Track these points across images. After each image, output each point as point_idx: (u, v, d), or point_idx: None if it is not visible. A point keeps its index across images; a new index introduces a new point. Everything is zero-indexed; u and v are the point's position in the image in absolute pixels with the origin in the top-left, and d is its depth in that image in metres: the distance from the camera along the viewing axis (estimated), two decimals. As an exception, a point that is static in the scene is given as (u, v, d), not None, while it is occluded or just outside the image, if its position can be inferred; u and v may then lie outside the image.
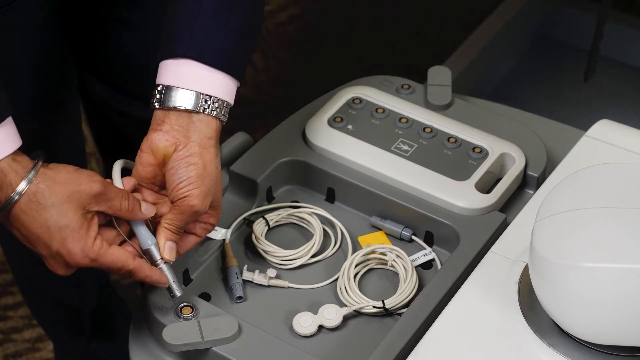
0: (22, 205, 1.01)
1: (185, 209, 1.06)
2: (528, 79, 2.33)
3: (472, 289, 1.08)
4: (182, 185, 1.06)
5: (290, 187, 1.27)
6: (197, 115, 1.07)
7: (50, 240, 1.01)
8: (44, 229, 1.01)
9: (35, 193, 1.01)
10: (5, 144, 1.01)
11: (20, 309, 2.03)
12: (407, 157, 1.23)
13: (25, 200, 1.01)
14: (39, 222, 1.01)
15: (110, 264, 1.04)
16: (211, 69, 1.07)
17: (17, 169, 1.01)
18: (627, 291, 0.94)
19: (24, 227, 1.02)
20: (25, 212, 1.01)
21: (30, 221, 1.01)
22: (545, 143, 1.28)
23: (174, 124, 1.06)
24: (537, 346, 1.02)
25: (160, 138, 1.06)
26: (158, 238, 1.07)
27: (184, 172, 1.06)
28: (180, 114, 1.06)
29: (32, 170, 1.01)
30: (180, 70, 1.07)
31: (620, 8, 2.32)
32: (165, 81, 1.07)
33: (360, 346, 1.10)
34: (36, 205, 1.01)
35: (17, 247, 1.59)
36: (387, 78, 1.35)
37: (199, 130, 1.07)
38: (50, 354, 1.96)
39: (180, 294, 1.07)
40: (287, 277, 1.18)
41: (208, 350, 1.06)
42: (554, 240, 0.97)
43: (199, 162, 1.06)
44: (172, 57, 1.07)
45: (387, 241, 1.21)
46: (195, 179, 1.06)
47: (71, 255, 1.02)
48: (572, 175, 1.03)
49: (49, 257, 1.04)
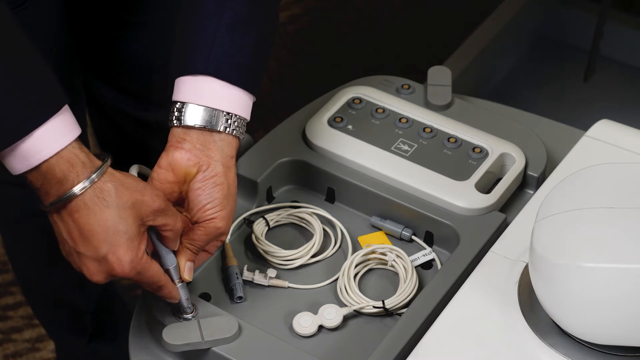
0: (85, 198, 0.98)
1: (211, 231, 1.05)
2: (528, 79, 2.32)
3: (472, 289, 1.08)
4: (208, 206, 1.05)
5: (290, 187, 1.27)
6: (218, 135, 1.05)
7: (104, 241, 0.99)
8: (101, 228, 0.98)
9: (102, 190, 0.99)
10: (66, 132, 0.98)
11: (20, 309, 2.03)
12: (407, 157, 1.23)
13: (90, 194, 0.98)
14: (98, 220, 0.98)
15: (149, 278, 1.02)
16: (230, 86, 1.06)
17: (85, 161, 0.99)
18: (627, 291, 0.94)
19: (80, 221, 0.99)
20: (87, 206, 0.98)
21: (89, 216, 0.98)
22: (545, 143, 1.28)
23: (196, 143, 1.05)
24: (537, 346, 1.02)
25: (182, 157, 1.05)
26: (179, 258, 1.06)
27: (211, 193, 1.05)
28: (202, 132, 1.05)
29: (102, 166, 0.99)
30: (200, 88, 1.05)
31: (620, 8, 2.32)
32: (185, 98, 1.05)
33: (360, 346, 1.10)
34: (100, 201, 0.99)
35: (21, 247, 1.60)
36: (387, 78, 1.35)
37: (221, 150, 1.06)
38: (50, 354, 1.96)
39: (190, 315, 1.07)
40: (287, 277, 1.18)
41: (208, 351, 1.06)
42: (554, 240, 0.97)
43: (224, 183, 1.05)
44: (191, 74, 1.05)
45: (387, 241, 1.21)
46: (221, 200, 1.05)
47: (120, 264, 1.00)
48: (572, 175, 1.03)
49: (91, 260, 1.00)
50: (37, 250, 1.59)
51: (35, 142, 0.97)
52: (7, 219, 1.57)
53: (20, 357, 1.96)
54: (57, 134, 0.98)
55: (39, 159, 0.97)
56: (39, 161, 0.98)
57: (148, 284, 1.04)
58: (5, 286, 2.07)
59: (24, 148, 0.97)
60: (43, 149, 0.97)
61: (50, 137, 0.97)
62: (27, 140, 0.97)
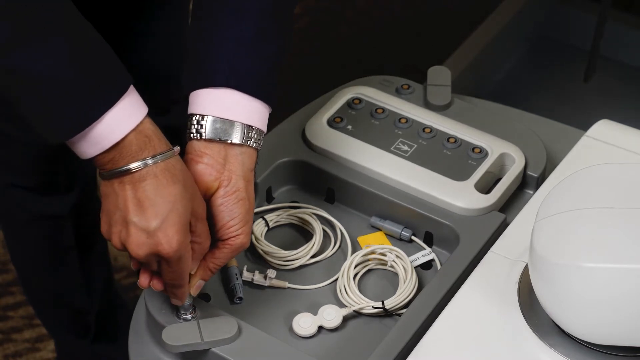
0: (157, 170, 0.98)
1: (236, 248, 1.05)
2: (528, 79, 2.33)
3: (472, 289, 1.08)
4: (232, 223, 1.04)
5: (289, 187, 1.27)
6: (239, 148, 1.04)
7: (161, 215, 0.98)
8: (162, 201, 0.98)
9: (174, 165, 0.99)
10: (136, 110, 0.98)
11: (20, 309, 2.03)
12: (407, 157, 1.23)
13: (162, 166, 0.98)
14: (163, 193, 0.98)
15: (183, 270, 1.02)
16: (251, 98, 1.04)
17: (160, 137, 0.99)
18: (627, 291, 0.94)
19: (143, 190, 0.98)
20: (157, 177, 0.98)
21: (156, 187, 0.97)
22: (545, 143, 1.27)
23: (217, 157, 1.03)
24: (537, 346, 1.02)
25: (204, 172, 1.03)
26: (196, 274, 1.05)
27: (233, 209, 1.04)
28: (223, 145, 1.04)
29: (175, 146, 1.00)
30: (221, 100, 1.03)
31: (620, 8, 2.32)
32: (204, 111, 1.04)
33: (360, 347, 1.10)
34: (171, 175, 0.98)
35: (25, 249, 1.60)
36: (387, 78, 1.35)
37: (242, 163, 1.04)
38: (50, 354, 1.96)
39: (190, 316, 1.07)
40: (287, 277, 1.18)
41: (208, 351, 1.06)
42: (554, 240, 0.97)
43: (246, 197, 1.04)
44: (211, 86, 1.04)
45: (386, 241, 1.21)
46: (244, 216, 1.04)
47: (169, 241, 0.98)
48: (572, 175, 1.03)
49: (141, 231, 0.98)
50: (42, 253, 1.59)
51: (107, 125, 0.96)
52: (13, 222, 1.57)
53: (20, 357, 1.96)
54: (130, 112, 0.97)
55: (112, 141, 0.97)
56: (112, 143, 0.97)
57: (174, 277, 1.02)
58: (5, 286, 2.07)
59: (96, 132, 0.96)
60: (114, 131, 0.97)
61: (122, 117, 0.97)
62: (98, 124, 0.96)
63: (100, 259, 1.67)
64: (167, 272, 1.02)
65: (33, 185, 1.48)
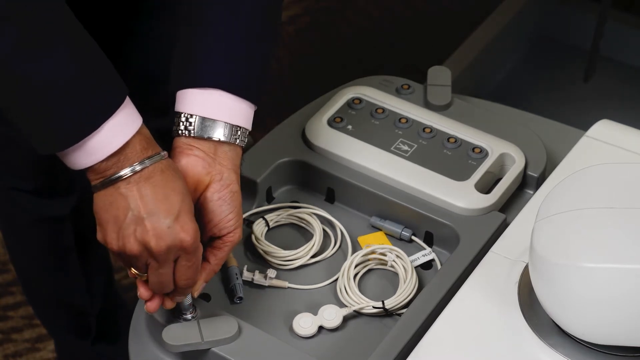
0: (162, 166, 0.99)
1: (235, 241, 1.06)
2: (528, 79, 2.32)
3: (472, 289, 1.08)
4: (231, 216, 1.05)
5: (290, 187, 1.27)
6: (227, 145, 1.05)
7: (177, 203, 0.98)
8: (174, 192, 0.99)
9: (172, 163, 1.01)
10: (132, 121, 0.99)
11: (20, 309, 2.03)
12: (407, 157, 1.23)
13: (166, 163, 1.00)
14: (172, 186, 0.99)
15: (199, 261, 1.02)
16: (238, 99, 1.05)
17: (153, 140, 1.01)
18: (627, 291, 0.94)
19: (155, 185, 0.98)
20: (163, 172, 0.99)
21: (165, 181, 0.99)
22: (545, 143, 1.28)
23: (207, 151, 1.05)
24: (537, 346, 1.02)
25: (195, 164, 1.04)
26: (201, 277, 1.05)
27: (231, 202, 1.04)
28: (212, 142, 1.05)
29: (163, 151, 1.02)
30: (209, 100, 1.05)
31: (620, 8, 2.32)
32: (192, 110, 1.05)
33: (360, 347, 1.10)
34: (173, 171, 1.00)
35: (26, 251, 1.60)
36: (387, 78, 1.35)
37: (230, 158, 1.05)
38: (50, 354, 1.96)
39: (190, 316, 1.07)
40: (287, 277, 1.18)
41: (208, 351, 1.06)
42: (554, 240, 0.97)
43: (238, 190, 1.05)
44: (200, 86, 1.05)
45: (386, 241, 1.21)
46: (239, 209, 1.05)
47: (188, 229, 0.98)
48: (572, 175, 1.03)
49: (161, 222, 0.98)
50: (42, 254, 1.59)
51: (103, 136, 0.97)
52: (13, 223, 1.57)
53: (20, 357, 1.96)
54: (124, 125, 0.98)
55: (111, 150, 0.97)
56: (111, 152, 0.97)
57: (191, 273, 1.02)
58: (5, 286, 2.07)
59: (93, 143, 0.97)
60: (112, 142, 0.97)
61: (117, 130, 0.97)
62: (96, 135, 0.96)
63: (100, 260, 1.67)
64: (184, 268, 1.02)
65: (33, 188, 1.48)
